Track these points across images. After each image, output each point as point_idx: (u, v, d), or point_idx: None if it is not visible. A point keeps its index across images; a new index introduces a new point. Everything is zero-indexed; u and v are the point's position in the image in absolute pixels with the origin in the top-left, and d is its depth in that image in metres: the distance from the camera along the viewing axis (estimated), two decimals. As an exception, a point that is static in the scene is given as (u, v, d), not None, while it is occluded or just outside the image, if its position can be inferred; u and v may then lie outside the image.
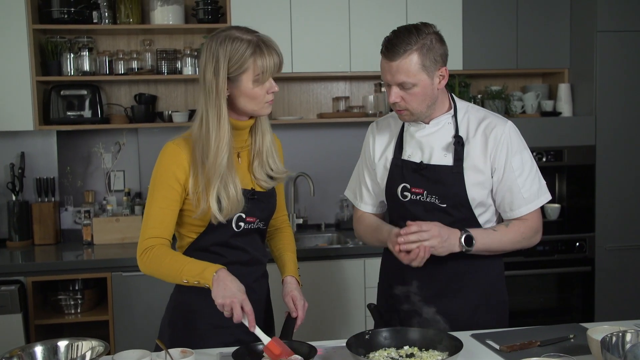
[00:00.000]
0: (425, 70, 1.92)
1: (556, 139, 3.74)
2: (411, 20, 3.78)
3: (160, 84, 3.98)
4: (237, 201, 1.84)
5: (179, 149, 1.85)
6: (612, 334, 1.51)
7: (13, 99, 3.55)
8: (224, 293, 1.72)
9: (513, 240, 2.03)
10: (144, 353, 1.69)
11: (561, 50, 3.96)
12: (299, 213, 4.13)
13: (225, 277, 1.75)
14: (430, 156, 2.04)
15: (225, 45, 1.79)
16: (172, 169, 1.84)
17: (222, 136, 1.81)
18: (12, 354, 1.56)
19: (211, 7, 3.72)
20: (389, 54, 1.92)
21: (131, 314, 3.38)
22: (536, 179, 2.03)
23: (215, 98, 1.81)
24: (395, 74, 1.92)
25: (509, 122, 2.04)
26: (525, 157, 2.02)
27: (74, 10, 3.61)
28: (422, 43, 1.90)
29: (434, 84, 1.96)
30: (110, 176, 3.96)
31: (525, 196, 2.00)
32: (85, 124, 3.73)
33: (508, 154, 1.99)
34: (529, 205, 2.01)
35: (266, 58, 1.79)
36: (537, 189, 2.03)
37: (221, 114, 1.81)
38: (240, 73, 1.79)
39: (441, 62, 1.95)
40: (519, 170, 2.00)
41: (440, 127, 2.04)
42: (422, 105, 1.97)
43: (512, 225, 2.03)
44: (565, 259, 3.77)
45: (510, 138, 2.00)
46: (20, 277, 3.28)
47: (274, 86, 1.85)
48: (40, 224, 3.80)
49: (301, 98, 4.16)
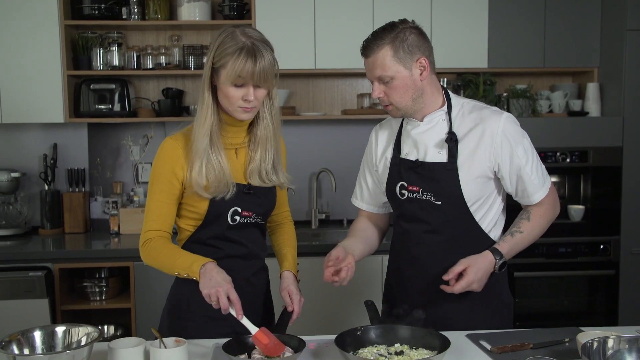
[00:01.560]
0: (400, 62, 1.94)
1: (582, 139, 3.67)
2: (435, 17, 3.79)
3: (187, 78, 4.07)
4: (225, 179, 1.88)
5: (176, 144, 1.91)
6: (594, 340, 1.50)
7: (45, 92, 3.68)
8: (209, 283, 1.76)
9: (541, 229, 2.08)
10: (140, 341, 1.76)
11: (591, 49, 3.88)
12: (322, 208, 4.16)
13: (211, 269, 1.79)
14: (425, 154, 2.04)
15: (222, 37, 1.86)
16: (169, 163, 1.90)
17: (202, 121, 1.87)
18: (11, 338, 1.64)
19: (236, 3, 3.78)
20: (365, 51, 1.98)
21: (152, 302, 3.47)
22: (538, 163, 2.05)
23: (203, 83, 1.88)
24: (372, 69, 1.97)
25: (505, 114, 2.02)
26: (526, 144, 2.02)
27: (104, 6, 3.71)
28: (395, 36, 1.93)
29: (413, 75, 1.96)
30: (138, 168, 4.07)
31: (536, 182, 2.02)
32: (114, 117, 3.84)
33: (511, 146, 1.98)
34: (541, 190, 2.04)
35: (241, 62, 1.80)
36: (542, 172, 2.05)
37: (204, 100, 1.88)
38: (219, 66, 1.84)
39: (418, 53, 1.95)
40: (524, 159, 2.00)
41: (434, 125, 2.04)
42: (405, 98, 1.98)
43: (534, 215, 2.06)
44: (588, 261, 3.71)
45: (508, 130, 1.98)
46: (48, 263, 3.41)
47: (249, 95, 1.84)
48: (70, 213, 3.93)
49: (325, 94, 4.19)
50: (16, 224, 3.91)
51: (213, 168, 1.87)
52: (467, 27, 3.81)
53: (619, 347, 1.49)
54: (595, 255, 3.71)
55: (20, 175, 3.90)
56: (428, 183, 2.00)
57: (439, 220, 2.01)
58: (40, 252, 3.52)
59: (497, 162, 1.99)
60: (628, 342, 1.51)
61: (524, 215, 2.08)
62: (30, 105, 3.67)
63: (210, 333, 1.95)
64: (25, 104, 3.66)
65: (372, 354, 1.78)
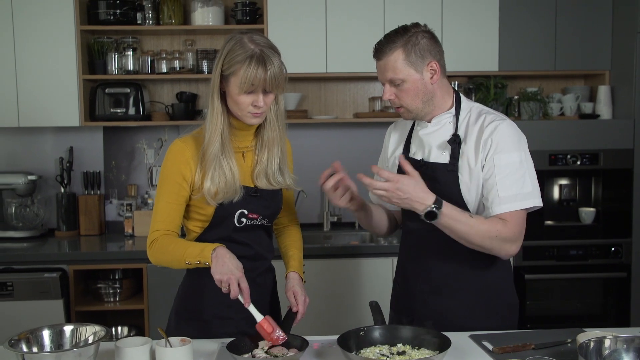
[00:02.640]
0: (411, 66, 1.97)
1: (593, 142, 3.66)
2: (446, 21, 3.81)
3: (200, 82, 4.12)
4: (234, 184, 1.91)
5: (185, 146, 1.95)
6: (591, 340, 1.51)
7: (61, 97, 3.75)
8: (222, 269, 1.80)
9: (484, 233, 1.91)
10: (146, 340, 1.79)
11: (602, 52, 3.88)
12: (333, 211, 4.19)
13: (224, 254, 1.83)
14: (429, 154, 2.07)
15: (230, 44, 1.88)
16: (177, 165, 1.94)
17: (213, 128, 1.90)
18: (20, 337, 1.68)
19: (249, 8, 3.83)
20: (377, 54, 2.01)
21: (164, 304, 3.50)
22: (520, 182, 1.94)
23: (212, 91, 1.92)
24: (383, 71, 2.00)
25: (507, 121, 2.01)
26: (514, 157, 1.95)
27: (119, 12, 3.78)
28: (407, 39, 1.97)
29: (424, 78, 1.99)
30: (152, 171, 4.13)
31: (501, 195, 1.93)
32: (129, 121, 3.90)
33: (495, 150, 1.95)
34: (502, 205, 1.93)
35: (251, 69, 1.82)
36: (516, 192, 1.94)
37: (214, 106, 1.91)
38: (229, 74, 1.87)
39: (430, 57, 1.98)
40: (501, 168, 1.94)
41: (441, 126, 2.07)
42: (416, 101, 2.01)
43: (491, 220, 1.94)
44: (600, 264, 3.70)
45: (502, 136, 1.96)
46: (63, 265, 3.48)
47: (259, 100, 1.87)
48: (86, 216, 4.00)
49: (337, 97, 4.22)
50: (32, 226, 3.98)
51: (224, 174, 1.90)
52: (478, 31, 3.82)
53: (616, 347, 1.50)
54: (607, 257, 3.70)
55: (37, 178, 3.97)
56: (431, 183, 1.99)
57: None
58: (56, 254, 3.58)
59: (482, 163, 1.98)
60: (625, 342, 1.52)
61: (484, 215, 2.01)
62: (47, 109, 3.74)
63: (217, 332, 1.99)
64: (41, 108, 3.74)
65: (374, 354, 1.80)
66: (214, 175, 1.89)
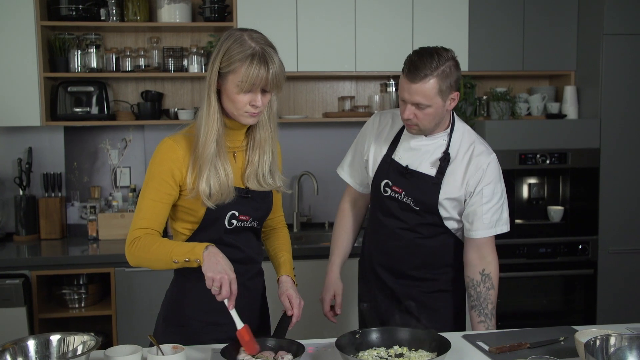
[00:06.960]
0: (440, 95, 2.05)
1: (561, 141, 3.72)
2: (417, 21, 3.82)
3: (166, 81, 4.02)
4: (228, 187, 1.85)
5: (176, 145, 1.87)
6: (596, 338, 1.51)
7: (21, 95, 3.59)
8: (216, 268, 1.73)
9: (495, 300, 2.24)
10: (136, 348, 1.72)
11: (568, 53, 3.95)
12: (303, 212, 4.15)
13: (216, 253, 1.76)
14: (418, 164, 2.19)
15: (228, 42, 1.81)
16: (167, 163, 1.86)
17: (209, 127, 1.83)
18: (4, 347, 1.59)
19: (218, 5, 3.75)
20: (411, 76, 2.04)
21: (134, 309, 3.41)
22: (499, 211, 2.18)
23: (208, 89, 1.84)
24: (413, 94, 2.05)
25: (493, 154, 2.19)
26: (497, 188, 2.17)
27: (82, 7, 3.64)
28: (442, 69, 2.03)
29: (445, 106, 2.09)
30: (117, 172, 4.00)
31: (486, 222, 2.15)
32: (92, 121, 3.76)
33: (483, 181, 2.14)
34: (485, 231, 2.16)
35: (253, 68, 1.76)
36: (497, 219, 2.17)
37: (210, 105, 1.83)
38: (227, 72, 1.80)
39: (455, 88, 2.09)
40: (487, 198, 2.15)
41: (434, 142, 2.20)
42: (432, 124, 2.13)
43: (488, 293, 2.22)
44: (568, 261, 3.77)
45: (490, 169, 2.15)
46: (25, 270, 3.33)
47: (257, 100, 1.82)
48: (46, 219, 3.85)
49: (307, 97, 4.18)
50: (-10, 231, 3.81)
51: (218, 176, 1.83)
52: (448, 31, 3.84)
53: (621, 344, 1.51)
54: (574, 255, 3.77)
55: (-6, 180, 3.81)
56: (412, 190, 2.18)
57: (415, 221, 2.20)
58: (16, 259, 3.42)
59: (467, 190, 2.16)
60: (629, 340, 1.53)
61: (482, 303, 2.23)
62: (5, 108, 3.58)
63: (207, 338, 1.92)
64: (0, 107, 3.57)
65: (372, 357, 1.78)
66: (208, 177, 1.82)
